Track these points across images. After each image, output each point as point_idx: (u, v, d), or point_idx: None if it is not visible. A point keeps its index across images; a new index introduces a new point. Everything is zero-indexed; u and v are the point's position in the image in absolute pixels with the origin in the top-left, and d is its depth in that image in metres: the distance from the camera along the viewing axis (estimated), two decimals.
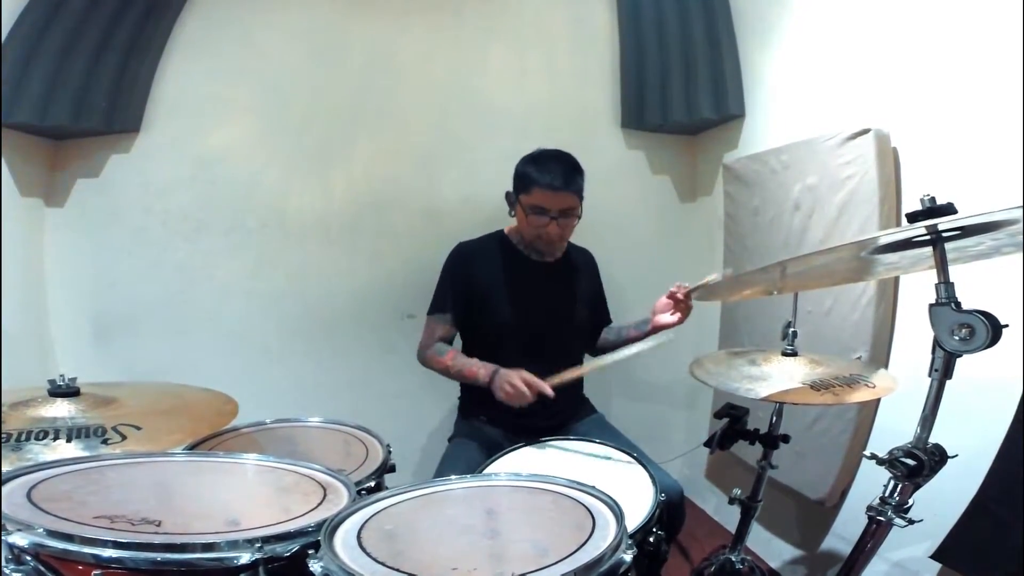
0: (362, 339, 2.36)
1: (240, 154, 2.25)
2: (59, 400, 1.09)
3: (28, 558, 0.81)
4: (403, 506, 1.06)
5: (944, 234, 0.98)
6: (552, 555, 0.87)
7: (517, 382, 1.45)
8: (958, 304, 0.98)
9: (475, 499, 1.11)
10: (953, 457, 1.06)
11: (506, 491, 1.14)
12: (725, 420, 1.44)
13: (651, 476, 1.28)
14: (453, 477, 1.18)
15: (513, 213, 1.70)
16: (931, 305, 1.00)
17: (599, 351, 1.89)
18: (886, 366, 1.65)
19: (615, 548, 0.88)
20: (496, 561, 0.90)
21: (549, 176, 1.57)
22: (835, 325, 1.76)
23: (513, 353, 1.67)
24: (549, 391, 1.44)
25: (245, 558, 0.84)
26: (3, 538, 0.80)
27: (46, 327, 2.12)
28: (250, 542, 0.86)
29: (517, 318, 1.69)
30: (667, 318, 1.66)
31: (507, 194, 1.70)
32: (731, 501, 1.55)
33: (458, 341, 1.84)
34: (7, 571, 0.80)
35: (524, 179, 1.62)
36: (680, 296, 1.62)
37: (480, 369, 1.59)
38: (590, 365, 1.53)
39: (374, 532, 0.95)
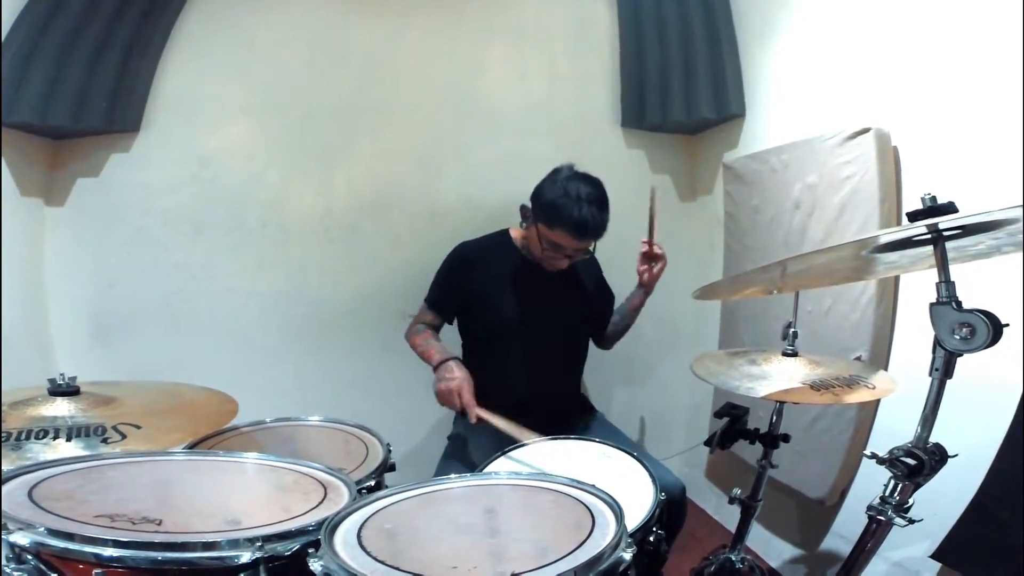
0: (362, 339, 2.36)
1: (240, 154, 2.25)
2: (59, 399, 1.09)
3: (29, 557, 0.81)
4: (403, 505, 1.06)
5: (945, 233, 0.98)
6: (552, 553, 0.87)
7: (452, 386, 1.49)
8: (959, 303, 0.98)
9: (475, 498, 1.11)
10: (953, 457, 1.06)
11: (506, 490, 1.14)
12: (725, 419, 1.45)
13: (651, 475, 1.28)
14: (453, 476, 1.18)
15: (526, 228, 1.68)
16: (932, 304, 1.00)
17: (609, 340, 1.91)
18: (886, 366, 1.65)
19: (615, 546, 0.88)
20: (496, 560, 0.90)
21: (580, 224, 1.51)
22: (835, 325, 1.76)
23: (514, 354, 1.67)
24: (472, 416, 1.47)
25: (245, 557, 0.84)
26: (4, 537, 0.80)
27: (46, 327, 2.12)
28: (250, 541, 0.86)
29: (519, 319, 1.70)
30: (645, 275, 1.73)
31: (523, 208, 1.67)
32: (731, 500, 1.55)
33: (458, 341, 1.84)
34: (8, 570, 0.80)
35: (551, 214, 1.55)
36: (645, 249, 1.69)
37: (436, 354, 1.60)
38: (505, 424, 1.47)
39: (374, 531, 0.95)
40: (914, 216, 0.97)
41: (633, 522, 1.09)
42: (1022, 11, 1.29)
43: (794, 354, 1.42)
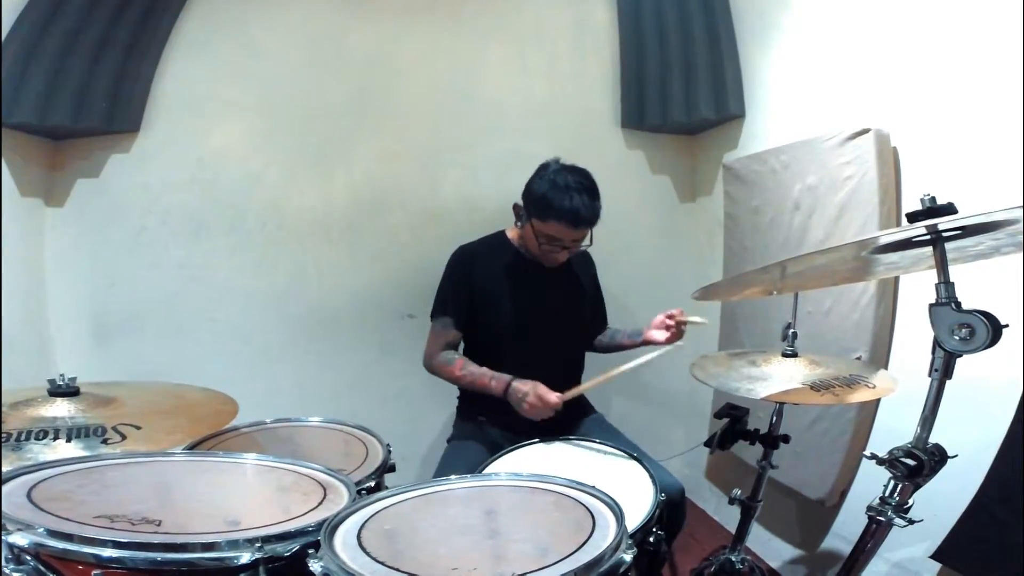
0: (362, 339, 2.36)
1: (240, 154, 2.25)
2: (59, 400, 1.09)
3: (28, 558, 0.81)
4: (403, 506, 1.06)
5: (944, 234, 0.98)
6: (552, 555, 0.87)
7: (534, 400, 1.47)
8: (958, 304, 0.98)
9: (475, 499, 1.11)
10: (953, 457, 1.06)
11: (506, 491, 1.14)
12: (725, 420, 1.45)
13: (651, 476, 1.29)
14: (453, 477, 1.18)
15: (521, 226, 1.66)
16: (931, 305, 1.00)
17: (594, 350, 1.90)
18: (886, 366, 1.65)
19: (615, 548, 0.88)
20: (496, 561, 0.90)
21: (572, 213, 1.51)
22: (835, 325, 1.76)
23: (516, 355, 1.67)
24: (558, 404, 1.47)
25: (245, 558, 0.84)
26: (3, 538, 0.80)
27: (46, 327, 2.12)
28: (250, 542, 0.86)
29: (520, 320, 1.69)
30: (656, 335, 1.67)
31: (515, 206, 1.65)
32: (731, 501, 1.55)
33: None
34: (7, 571, 0.80)
35: (542, 207, 1.54)
36: (675, 320, 1.63)
37: (492, 381, 1.57)
38: (598, 379, 1.51)
39: (374, 532, 0.95)
40: (914, 217, 0.97)
41: (633, 523, 1.09)
42: (1022, 11, 1.29)
43: (794, 355, 1.42)
